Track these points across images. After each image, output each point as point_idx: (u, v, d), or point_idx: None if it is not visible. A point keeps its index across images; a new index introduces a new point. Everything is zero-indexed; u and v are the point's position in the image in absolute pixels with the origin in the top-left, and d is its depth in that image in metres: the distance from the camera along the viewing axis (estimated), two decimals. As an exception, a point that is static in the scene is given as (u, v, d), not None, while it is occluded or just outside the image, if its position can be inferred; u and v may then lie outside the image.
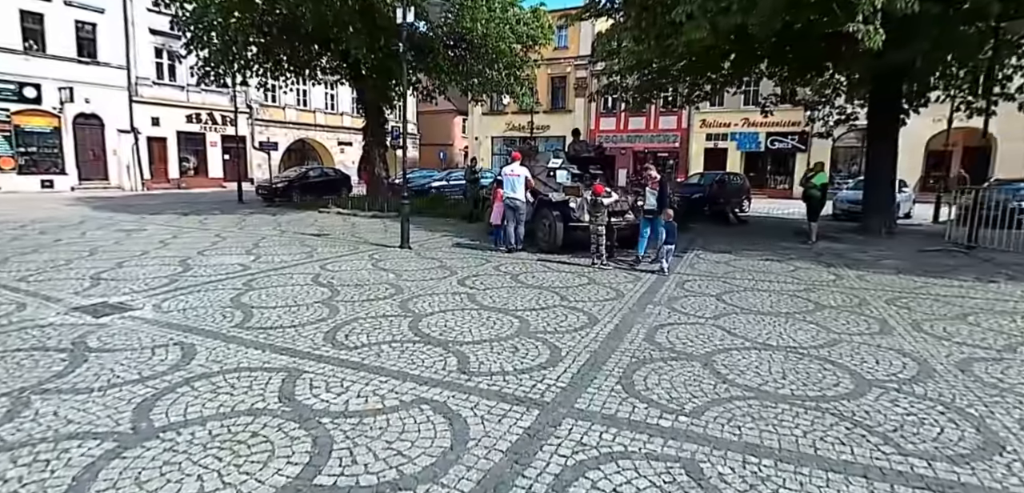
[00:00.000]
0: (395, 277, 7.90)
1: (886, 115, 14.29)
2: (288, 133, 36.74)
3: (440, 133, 48.72)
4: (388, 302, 6.42)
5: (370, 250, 10.38)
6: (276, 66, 21.11)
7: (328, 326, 5.36)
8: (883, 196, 14.35)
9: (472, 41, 19.77)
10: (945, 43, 11.71)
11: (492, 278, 7.97)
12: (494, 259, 9.60)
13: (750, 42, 13.54)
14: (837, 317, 6.21)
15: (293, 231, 13.14)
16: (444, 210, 17.80)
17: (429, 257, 9.71)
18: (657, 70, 15.99)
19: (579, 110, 37.49)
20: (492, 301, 6.59)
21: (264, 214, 17.21)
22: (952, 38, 11.70)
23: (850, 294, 7.43)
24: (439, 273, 8.28)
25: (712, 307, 6.54)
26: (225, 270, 8.15)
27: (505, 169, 10.38)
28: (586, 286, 7.57)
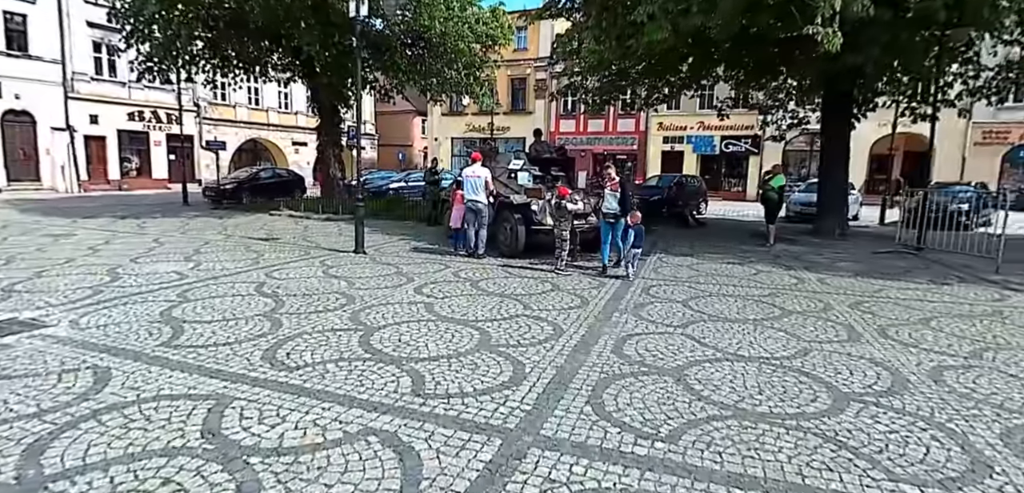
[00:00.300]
0: (347, 285, 7.41)
1: (838, 119, 14.57)
2: (239, 133, 35.31)
3: (399, 134, 47.87)
4: (338, 314, 5.95)
5: (322, 256, 9.82)
6: (224, 62, 20.15)
7: (268, 343, 4.86)
8: (836, 199, 14.61)
9: (430, 40, 19.30)
10: (894, 49, 11.95)
11: (451, 285, 7.57)
12: (453, 264, 9.19)
13: (708, 45, 13.60)
14: (804, 323, 6.08)
15: (240, 235, 12.41)
16: (402, 212, 17.28)
17: (385, 263, 9.23)
18: (617, 72, 15.92)
19: (539, 112, 37.37)
20: (451, 311, 6.20)
21: (210, 217, 16.30)
22: (900, 44, 11.95)
23: (814, 298, 7.35)
24: (395, 280, 7.83)
25: (680, 314, 6.32)
26: (158, 279, 7.49)
27: (465, 170, 9.99)
28: (550, 293, 7.25)
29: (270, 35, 17.88)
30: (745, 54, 14.54)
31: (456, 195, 10.39)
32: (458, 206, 10.29)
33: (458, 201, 10.25)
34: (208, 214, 17.32)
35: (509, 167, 10.87)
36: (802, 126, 19.64)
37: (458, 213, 10.27)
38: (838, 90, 14.11)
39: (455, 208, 10.35)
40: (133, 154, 31.37)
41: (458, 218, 10.25)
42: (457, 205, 10.33)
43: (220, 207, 19.89)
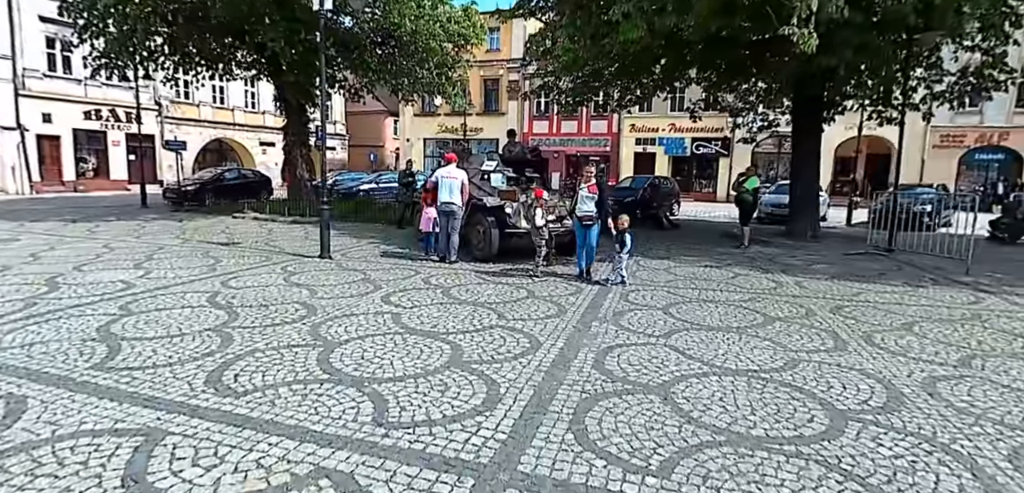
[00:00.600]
0: (309, 294, 6.95)
1: (808, 122, 14.60)
2: (203, 133, 34.18)
3: (370, 134, 47.04)
4: (296, 327, 5.50)
5: (284, 261, 9.30)
6: (185, 59, 19.31)
7: (214, 363, 4.40)
8: (808, 201, 14.63)
9: (401, 38, 18.82)
10: (865, 52, 11.95)
11: (421, 293, 7.17)
12: (424, 270, 8.78)
13: (682, 46, 13.48)
14: (789, 331, 5.86)
15: (198, 240, 11.76)
16: (372, 215, 16.76)
17: (351, 269, 8.77)
18: (590, 72, 15.72)
19: (512, 113, 37.09)
20: (420, 322, 5.81)
21: (168, 220, 15.54)
22: (871, 48, 11.97)
23: (794, 303, 7.17)
24: (361, 288, 7.39)
25: (661, 323, 6.04)
26: (102, 290, 6.90)
27: (440, 171, 9.58)
28: (525, 301, 6.91)
29: (233, 31, 17.17)
30: (718, 56, 14.47)
31: (425, 197, 9.98)
32: (429, 209, 9.89)
33: (429, 203, 9.86)
34: (167, 217, 16.53)
35: (482, 168, 10.50)
36: (772, 129, 19.76)
37: (429, 216, 9.87)
38: (808, 94, 14.14)
39: (425, 211, 9.95)
40: (90, 154, 30.04)
41: (429, 221, 9.85)
42: (428, 208, 9.93)
43: (181, 209, 19.06)
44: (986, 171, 31.32)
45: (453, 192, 9.29)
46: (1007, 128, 29.99)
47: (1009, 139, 30.17)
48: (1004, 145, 30.25)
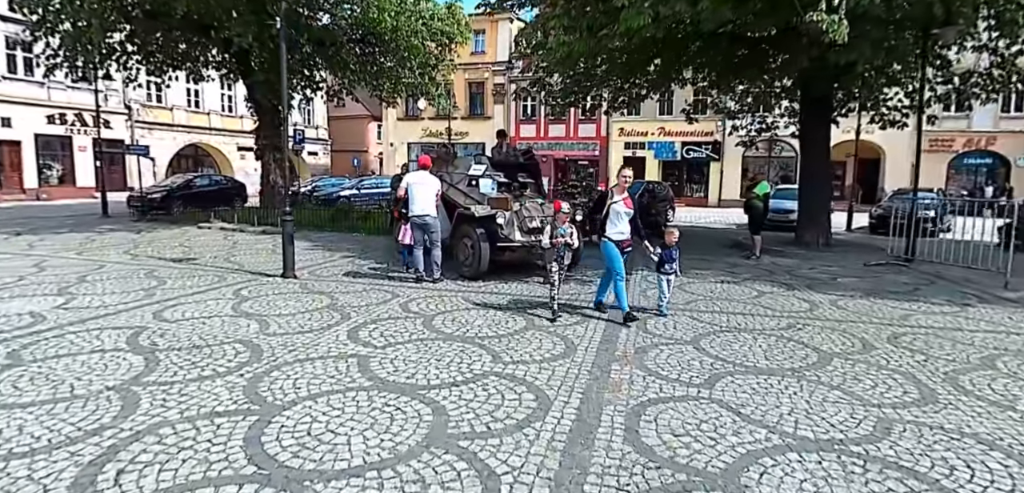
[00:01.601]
0: (258, 329, 5.68)
1: (817, 124, 13.59)
2: (177, 137, 32.57)
3: (353, 139, 45.63)
4: (229, 382, 4.24)
5: (240, 283, 8.01)
6: (148, 58, 17.92)
7: (97, 449, 3.13)
8: (819, 207, 13.61)
9: (381, 36, 17.59)
10: (883, 47, 10.97)
11: (398, 325, 5.93)
12: (403, 292, 7.54)
13: (682, 42, 12.45)
14: (855, 373, 4.72)
15: (148, 255, 10.42)
16: (351, 224, 15.46)
17: (318, 291, 7.51)
18: (582, 71, 14.61)
19: (498, 116, 35.93)
20: (393, 369, 4.58)
21: (126, 232, 14.13)
22: (889, 42, 11.00)
23: (842, 332, 6.04)
24: (325, 318, 6.13)
25: (696, 363, 4.87)
26: (0, 325, 5.59)
27: (409, 178, 8.34)
28: (524, 333, 5.70)
29: (198, 27, 15.85)
30: (719, 53, 13.43)
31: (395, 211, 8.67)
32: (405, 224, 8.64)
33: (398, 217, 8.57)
34: (126, 228, 15.11)
35: (470, 173, 9.30)
36: (772, 131, 18.81)
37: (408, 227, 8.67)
38: (816, 93, 13.15)
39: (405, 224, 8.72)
40: (55, 160, 28.38)
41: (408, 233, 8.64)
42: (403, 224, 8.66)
43: (145, 218, 17.60)
44: (975, 175, 30.87)
45: (428, 201, 8.06)
46: (994, 133, 29.58)
47: (997, 143, 29.73)
48: (992, 150, 29.82)
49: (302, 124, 38.79)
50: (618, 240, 6.34)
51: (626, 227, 6.39)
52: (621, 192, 6.38)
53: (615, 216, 6.36)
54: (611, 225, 6.36)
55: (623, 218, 6.36)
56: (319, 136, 42.31)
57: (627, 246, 6.44)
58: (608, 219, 6.34)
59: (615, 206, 6.35)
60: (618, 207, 6.35)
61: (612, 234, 6.36)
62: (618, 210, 6.35)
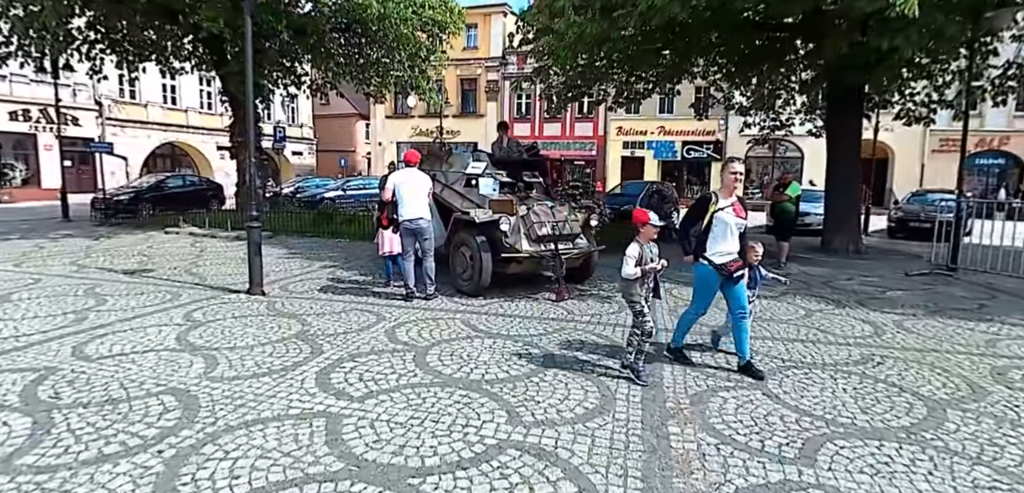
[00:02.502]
0: (202, 370, 4.42)
1: (846, 120, 12.48)
2: (152, 135, 30.95)
3: (340, 138, 44.16)
4: (139, 465, 2.99)
5: (195, 302, 6.72)
6: (113, 47, 16.50)
7: None
8: (849, 211, 12.51)
9: (368, 24, 16.27)
10: (930, 31, 9.89)
11: (382, 363, 4.69)
12: (390, 313, 6.30)
13: (700, 28, 11.33)
14: (987, 434, 3.56)
15: (99, 266, 9.09)
16: (334, 229, 14.15)
17: (288, 313, 6.24)
18: (587, 63, 13.43)
19: (491, 115, 34.69)
20: (374, 440, 3.35)
21: (83, 238, 12.74)
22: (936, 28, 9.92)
23: (933, 369, 4.88)
24: (291, 353, 4.87)
25: (777, 421, 3.69)
26: None
27: (395, 177, 7.10)
28: (544, 375, 4.48)
29: (165, 11, 14.46)
30: (741, 40, 12.30)
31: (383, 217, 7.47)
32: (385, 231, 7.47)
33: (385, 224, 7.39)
34: (85, 233, 13.70)
35: (467, 171, 8.06)
36: (786, 128, 17.73)
37: (392, 238, 7.47)
38: (846, 85, 12.05)
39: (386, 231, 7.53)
40: (19, 160, 26.75)
41: (393, 242, 7.45)
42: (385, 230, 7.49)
43: (109, 223, 16.18)
44: (987, 176, 30.11)
45: (420, 203, 6.83)
46: (1008, 132, 28.80)
47: (1010, 143, 28.97)
48: (1005, 150, 29.05)
49: (286, 122, 37.31)
50: (721, 264, 4.43)
51: (734, 245, 4.46)
52: (729, 194, 4.48)
53: (720, 229, 4.42)
54: (714, 241, 4.44)
55: (733, 233, 4.43)
56: (304, 135, 40.81)
57: (736, 271, 4.42)
58: (710, 233, 4.46)
59: (722, 215, 4.40)
60: (726, 216, 4.40)
61: (714, 254, 4.45)
62: (726, 221, 4.40)
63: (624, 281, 4.37)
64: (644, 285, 4.37)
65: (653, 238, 4.40)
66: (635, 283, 4.32)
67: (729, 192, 4.50)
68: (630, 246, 4.31)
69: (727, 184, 4.52)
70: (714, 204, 4.47)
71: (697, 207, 4.62)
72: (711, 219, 4.46)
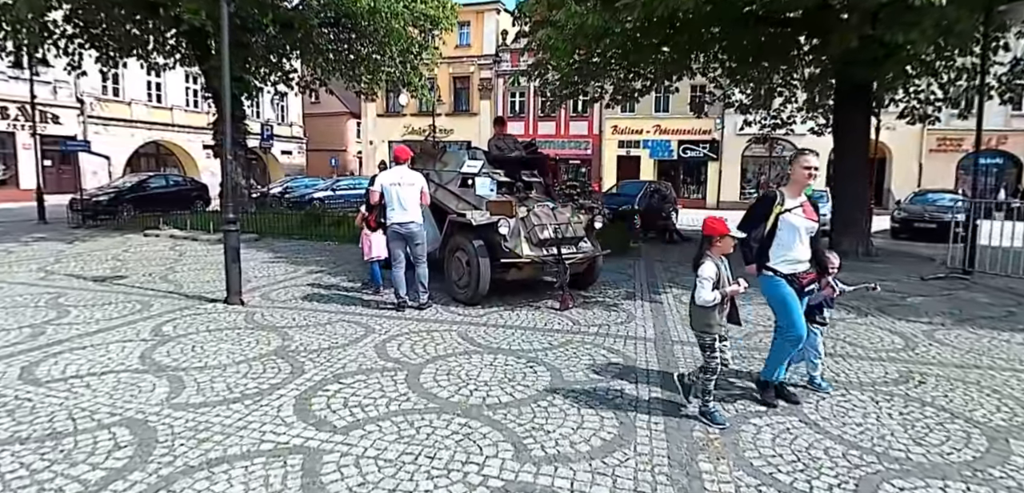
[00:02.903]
0: (166, 395, 3.89)
1: (855, 117, 12.07)
2: (135, 134, 30.15)
3: (331, 137, 43.43)
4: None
5: (168, 312, 6.17)
6: (92, 42, 15.86)
7: None
8: (857, 212, 12.10)
9: (358, 18, 15.73)
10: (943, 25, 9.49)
11: (371, 384, 4.18)
12: (380, 325, 5.78)
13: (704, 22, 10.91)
14: (1066, 471, 3.12)
15: (68, 273, 8.51)
16: (322, 231, 13.59)
17: (267, 325, 5.72)
18: (585, 58, 12.97)
19: (485, 113, 34.18)
20: (356, 479, 2.85)
21: (57, 242, 12.11)
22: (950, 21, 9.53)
23: (979, 388, 4.43)
24: (268, 374, 4.35)
25: (822, 454, 3.20)
26: None
27: (384, 177, 6.56)
28: (553, 398, 3.99)
29: (144, 4, 13.89)
30: (743, 36, 11.87)
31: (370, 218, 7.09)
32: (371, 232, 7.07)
33: (373, 227, 7.00)
34: (60, 236, 13.05)
35: (463, 170, 7.56)
36: (788, 126, 17.34)
37: (379, 242, 7.03)
38: (855, 80, 11.64)
39: (371, 234, 7.11)
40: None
41: (376, 245, 7.02)
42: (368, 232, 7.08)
43: (84, 225, 15.52)
44: (985, 176, 29.96)
45: (408, 205, 6.31)
46: (1006, 132, 28.64)
47: (1008, 143, 28.85)
48: (1003, 149, 28.90)
49: (275, 120, 36.65)
50: (790, 273, 3.76)
51: (805, 252, 3.80)
52: (797, 193, 3.78)
53: (788, 234, 3.73)
54: (780, 248, 3.75)
55: (802, 238, 3.76)
56: (293, 134, 40.10)
57: (809, 285, 3.92)
58: (775, 238, 3.74)
59: (791, 217, 3.70)
60: (795, 219, 3.70)
61: (781, 264, 3.75)
62: (794, 224, 3.71)
63: (698, 309, 3.59)
64: (722, 312, 3.60)
65: (730, 252, 3.63)
66: (712, 311, 3.53)
67: (798, 190, 3.78)
68: (703, 265, 3.53)
69: (798, 180, 3.75)
70: (780, 204, 3.71)
71: (759, 208, 3.87)
72: (776, 222, 3.72)
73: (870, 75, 11.50)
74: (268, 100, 32.97)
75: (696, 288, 3.55)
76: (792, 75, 15.04)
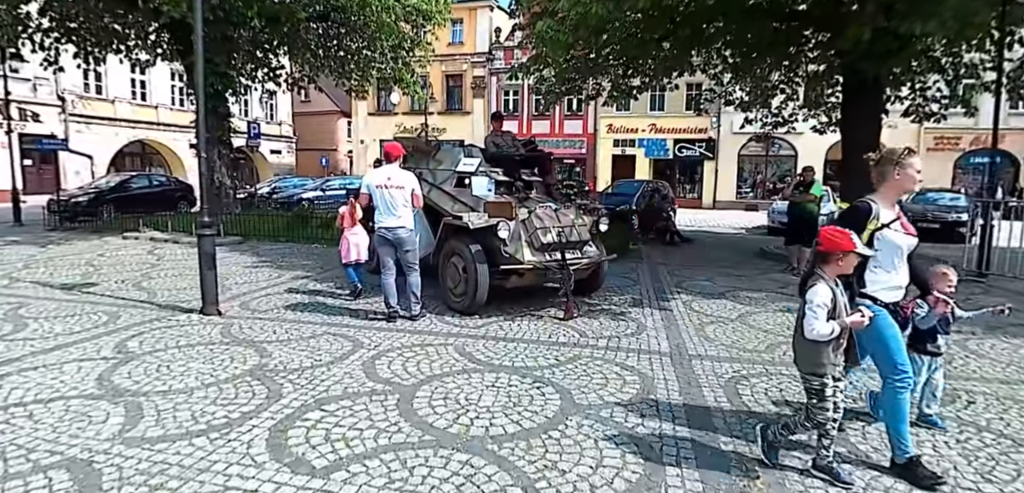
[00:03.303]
0: (119, 428, 3.37)
1: (864, 114, 11.67)
2: (119, 133, 29.36)
3: (321, 136, 42.75)
4: None
5: (137, 325, 5.64)
6: (69, 35, 15.21)
7: None
8: (865, 212, 11.70)
9: (347, 12, 15.19)
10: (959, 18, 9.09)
11: (357, 410, 3.68)
12: (369, 339, 5.28)
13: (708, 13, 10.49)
14: None
15: (36, 279, 7.93)
16: (310, 233, 13.05)
17: (244, 340, 5.19)
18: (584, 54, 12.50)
19: (478, 112, 33.69)
20: (340, 543, 2.36)
21: (30, 245, 11.49)
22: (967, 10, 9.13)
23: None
24: (240, 399, 3.84)
25: None
26: None
27: (371, 176, 6.04)
28: (565, 428, 3.50)
29: (122, -3, 13.30)
30: (749, 29, 11.45)
31: (347, 214, 6.71)
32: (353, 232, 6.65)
33: (349, 223, 6.60)
34: (33, 239, 12.42)
35: (458, 169, 7.06)
36: (789, 124, 16.97)
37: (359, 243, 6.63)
38: (864, 75, 11.25)
39: (348, 236, 6.70)
40: (-28, 160, 25.12)
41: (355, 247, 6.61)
42: (350, 230, 6.67)
43: (62, 227, 14.88)
44: (981, 175, 29.82)
45: (394, 207, 5.78)
46: (1003, 130, 28.41)
47: (1005, 141, 28.65)
48: (1000, 147, 28.72)
49: (263, 119, 35.96)
50: (891, 302, 3.07)
51: (905, 275, 3.12)
52: (892, 202, 3.09)
53: (888, 254, 3.02)
54: (877, 270, 3.03)
55: (900, 256, 3.07)
56: (283, 133, 39.41)
57: (908, 312, 3.26)
58: (871, 260, 2.98)
59: (889, 234, 2.99)
60: (894, 236, 3.00)
61: (879, 289, 3.04)
62: (895, 242, 3.01)
63: (807, 345, 2.84)
64: (837, 349, 2.86)
65: (849, 273, 2.87)
66: (825, 347, 2.80)
67: (893, 198, 3.10)
68: (815, 289, 2.78)
69: (898, 188, 3.05)
70: (875, 219, 2.97)
71: (849, 221, 3.01)
72: (871, 239, 2.98)
73: (878, 70, 11.12)
74: (256, 98, 32.34)
75: (804, 317, 2.81)
76: (794, 72, 14.66)
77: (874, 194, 3.09)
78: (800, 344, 2.91)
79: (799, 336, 2.90)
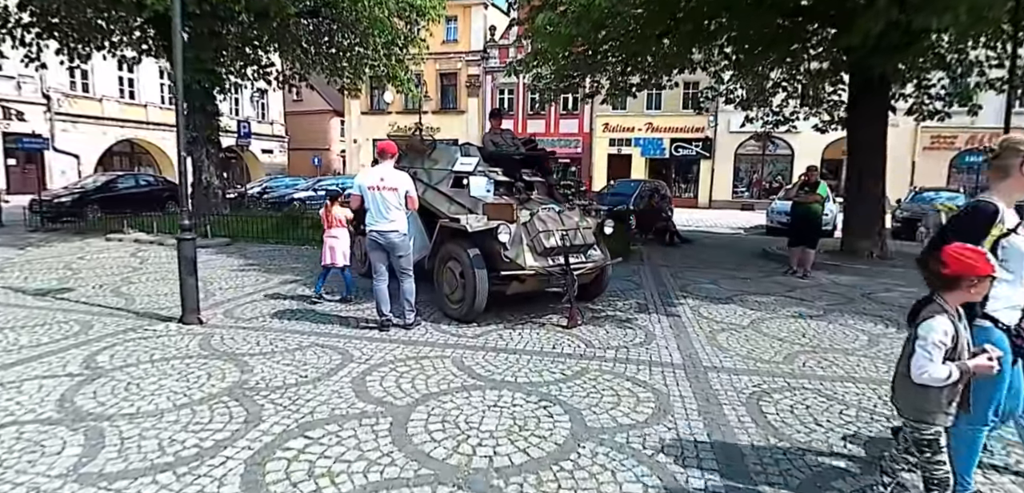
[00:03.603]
0: (80, 452, 2.99)
1: (870, 112, 11.38)
2: (107, 132, 28.74)
3: (314, 136, 42.22)
4: None
5: (111, 335, 5.23)
6: (50, 31, 14.74)
7: None
8: (871, 212, 11.41)
9: (338, 7, 14.79)
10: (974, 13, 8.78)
11: (345, 435, 3.31)
12: (358, 350, 4.90)
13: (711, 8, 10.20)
14: None
15: (9, 284, 7.51)
16: (300, 234, 12.63)
17: (225, 351, 4.81)
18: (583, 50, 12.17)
19: (473, 111, 33.32)
20: None
21: (7, 247, 11.03)
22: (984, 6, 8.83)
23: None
24: (215, 422, 3.46)
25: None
26: None
27: (362, 177, 5.66)
28: (578, 454, 3.15)
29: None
30: (752, 25, 11.13)
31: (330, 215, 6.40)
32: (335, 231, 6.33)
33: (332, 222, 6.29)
34: (13, 241, 11.96)
35: (455, 169, 6.68)
36: (790, 122, 16.68)
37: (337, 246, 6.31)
38: (872, 72, 10.96)
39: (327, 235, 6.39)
40: (-47, 160, 24.54)
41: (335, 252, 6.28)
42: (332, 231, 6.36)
43: (46, 228, 14.40)
44: (977, 175, 29.72)
45: (386, 210, 5.40)
46: (999, 130, 28.33)
47: (1001, 141, 28.61)
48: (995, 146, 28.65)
49: (254, 118, 35.47)
50: (1010, 323, 2.52)
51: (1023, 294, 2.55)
52: (1014, 201, 2.59)
53: (1016, 264, 2.48)
54: (1000, 284, 2.40)
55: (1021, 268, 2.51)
56: (274, 132, 38.87)
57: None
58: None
59: (1017, 241, 2.47)
60: (1022, 242, 2.49)
61: (1001, 308, 2.50)
62: (1022, 250, 2.48)
63: (913, 389, 2.32)
64: (952, 397, 2.32)
65: (977, 301, 2.34)
66: (938, 393, 2.29)
67: (1018, 198, 2.58)
68: (931, 321, 2.25)
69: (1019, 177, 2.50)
70: (999, 223, 2.47)
71: (968, 224, 2.51)
72: (995, 247, 2.46)
73: (886, 66, 10.84)
74: (247, 96, 31.86)
75: (913, 355, 2.28)
76: (796, 69, 14.38)
77: (990, 193, 2.59)
78: (904, 386, 2.37)
79: (900, 376, 2.40)
